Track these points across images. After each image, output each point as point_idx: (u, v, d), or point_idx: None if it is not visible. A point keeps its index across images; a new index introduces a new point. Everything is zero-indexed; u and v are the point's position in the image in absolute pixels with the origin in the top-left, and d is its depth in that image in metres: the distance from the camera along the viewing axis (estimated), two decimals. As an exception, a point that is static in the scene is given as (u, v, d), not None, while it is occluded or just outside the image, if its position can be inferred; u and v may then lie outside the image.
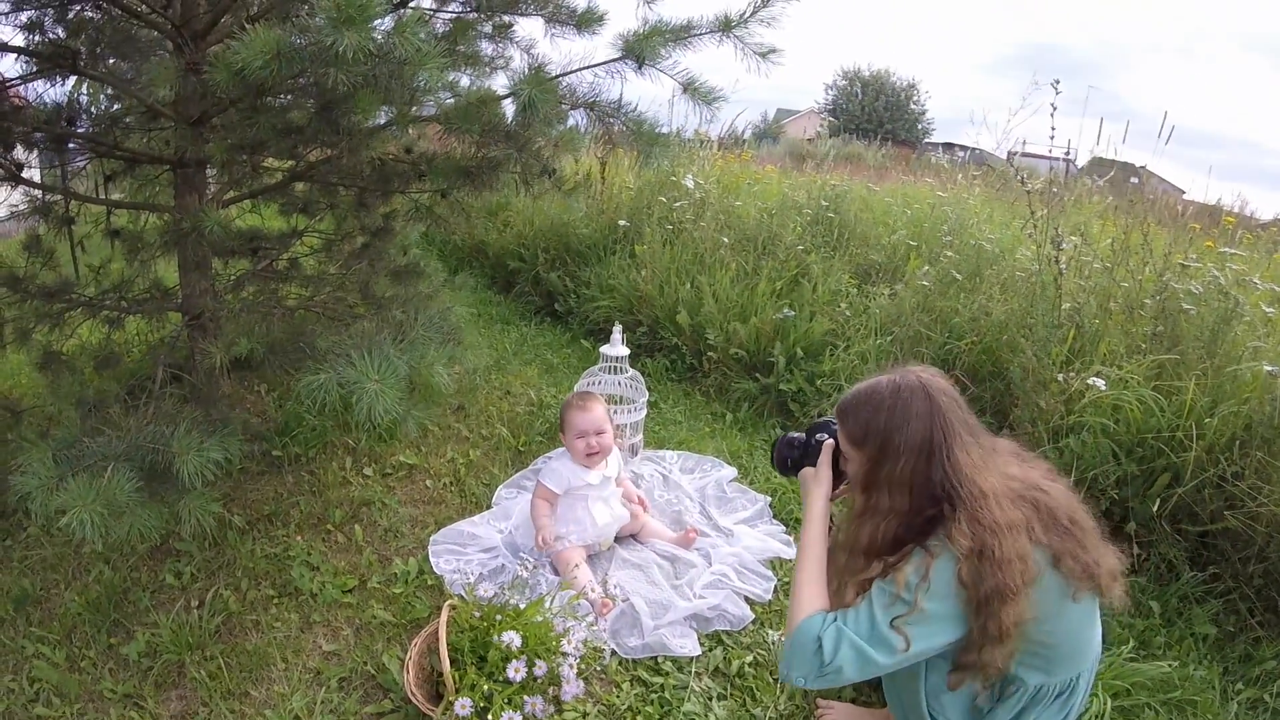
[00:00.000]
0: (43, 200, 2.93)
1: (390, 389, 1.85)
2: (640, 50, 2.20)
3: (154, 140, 2.97)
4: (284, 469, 2.88)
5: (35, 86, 2.63)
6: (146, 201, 3.12)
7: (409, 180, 2.98)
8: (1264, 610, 2.27)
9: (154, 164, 2.91)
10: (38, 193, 2.88)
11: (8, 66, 2.54)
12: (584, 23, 2.53)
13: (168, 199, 2.93)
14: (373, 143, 2.66)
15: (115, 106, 2.83)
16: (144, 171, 3.11)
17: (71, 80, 2.65)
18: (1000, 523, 1.33)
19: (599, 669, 2.01)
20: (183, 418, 1.98)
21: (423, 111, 2.34)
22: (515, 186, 2.76)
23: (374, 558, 2.44)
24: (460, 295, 4.62)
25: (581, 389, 3.14)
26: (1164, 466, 2.46)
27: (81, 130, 2.77)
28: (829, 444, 1.70)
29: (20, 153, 2.64)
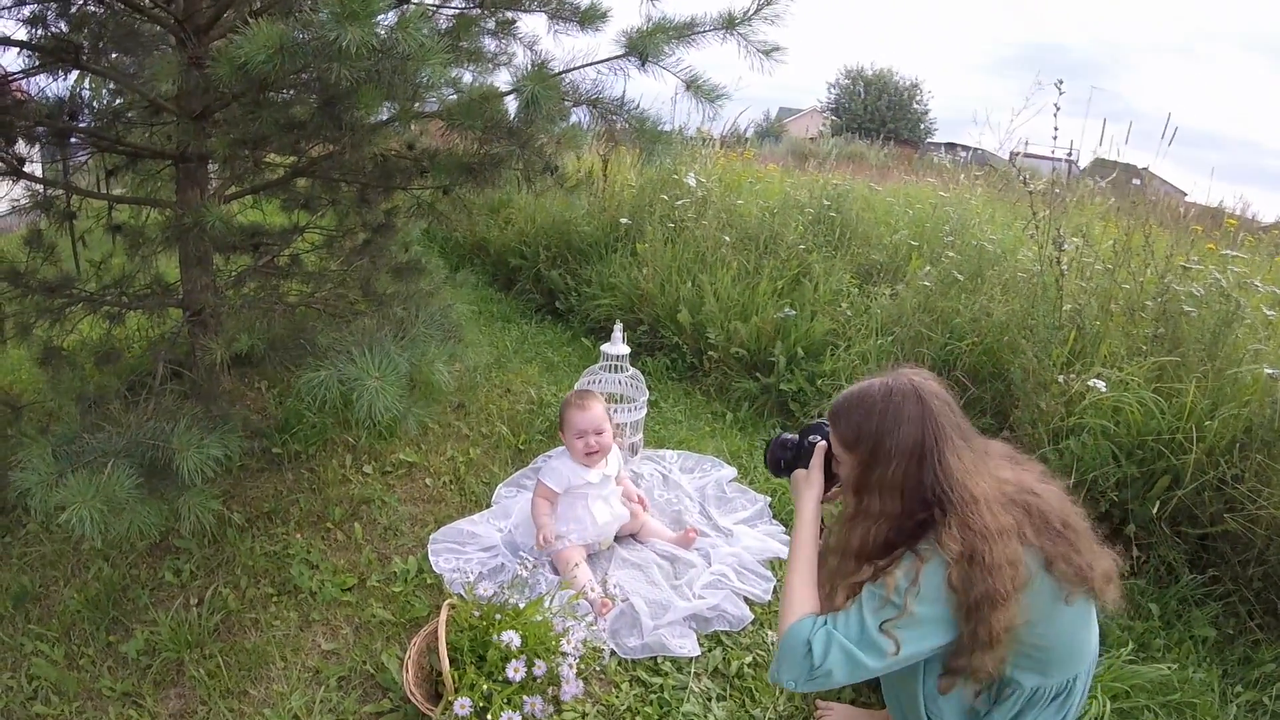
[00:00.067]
0: (44, 195, 2.93)
1: (391, 386, 1.85)
2: (643, 47, 2.20)
3: (156, 135, 2.96)
4: (284, 466, 2.88)
5: (37, 81, 2.62)
6: (148, 196, 3.11)
7: (411, 176, 2.98)
8: (1263, 613, 2.27)
9: (156, 159, 2.91)
10: (39, 187, 2.88)
11: (10, 61, 2.53)
12: (587, 19, 2.52)
13: (169, 194, 2.93)
14: (375, 139, 2.66)
15: (117, 101, 2.83)
16: (146, 166, 3.11)
17: (74, 75, 2.64)
18: (990, 528, 1.33)
19: (598, 669, 2.01)
20: (183, 414, 1.97)
21: (425, 107, 2.34)
22: (517, 183, 2.76)
23: (373, 556, 2.44)
24: (461, 293, 4.62)
25: (582, 387, 3.13)
26: (1164, 469, 2.46)
27: (83, 125, 2.77)
28: (821, 446, 1.69)
29: (22, 147, 2.64)
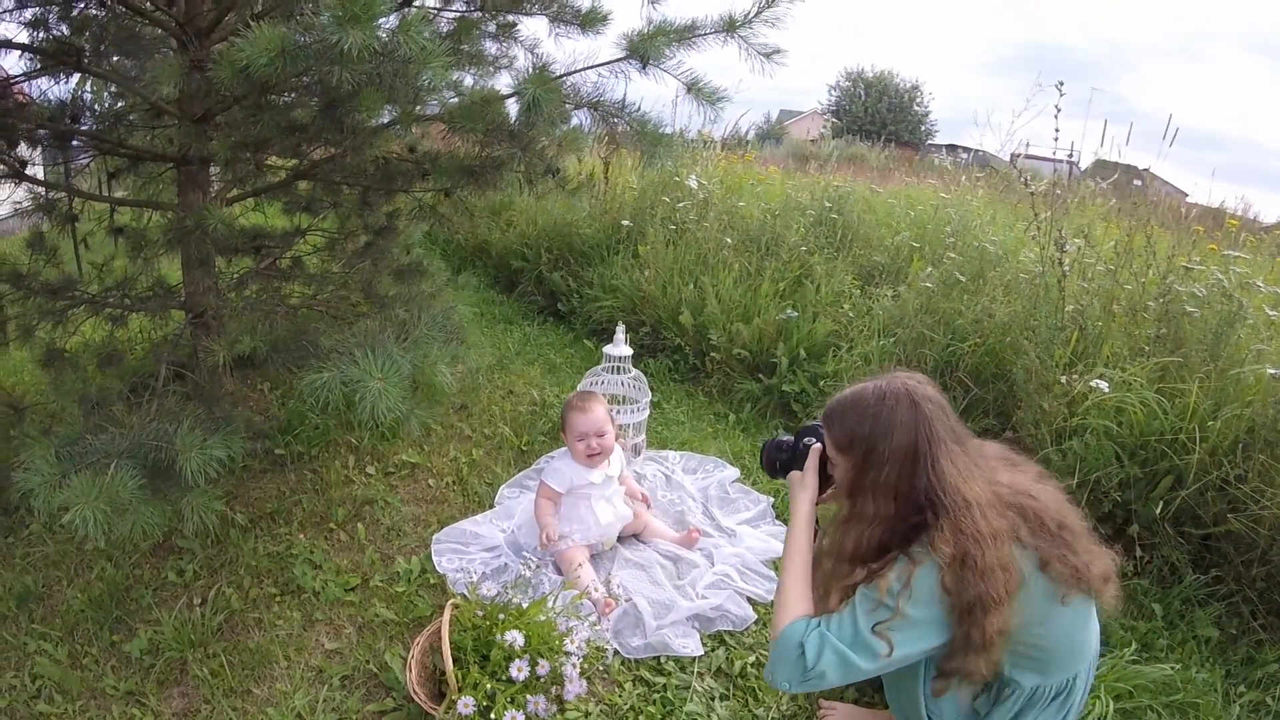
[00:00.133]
0: (46, 197, 2.94)
1: (393, 388, 1.85)
2: (644, 50, 2.20)
3: (158, 138, 2.97)
4: (287, 467, 2.88)
5: (39, 83, 2.64)
6: (150, 199, 3.12)
7: (412, 179, 2.98)
8: (1266, 613, 2.27)
9: (158, 161, 2.91)
10: (41, 190, 2.88)
11: (12, 63, 2.53)
12: (588, 22, 2.53)
13: (171, 197, 2.93)
14: (377, 141, 2.66)
15: (119, 104, 2.84)
16: (147, 169, 3.11)
17: (75, 77, 2.65)
18: (983, 532, 1.33)
19: (601, 668, 2.01)
20: (185, 415, 1.98)
21: (427, 110, 2.35)
22: (519, 186, 2.76)
23: (376, 556, 2.44)
24: (463, 294, 4.63)
25: (584, 389, 3.14)
26: (1167, 469, 2.46)
27: (85, 127, 2.77)
28: (816, 448, 1.69)
29: (24, 150, 2.65)
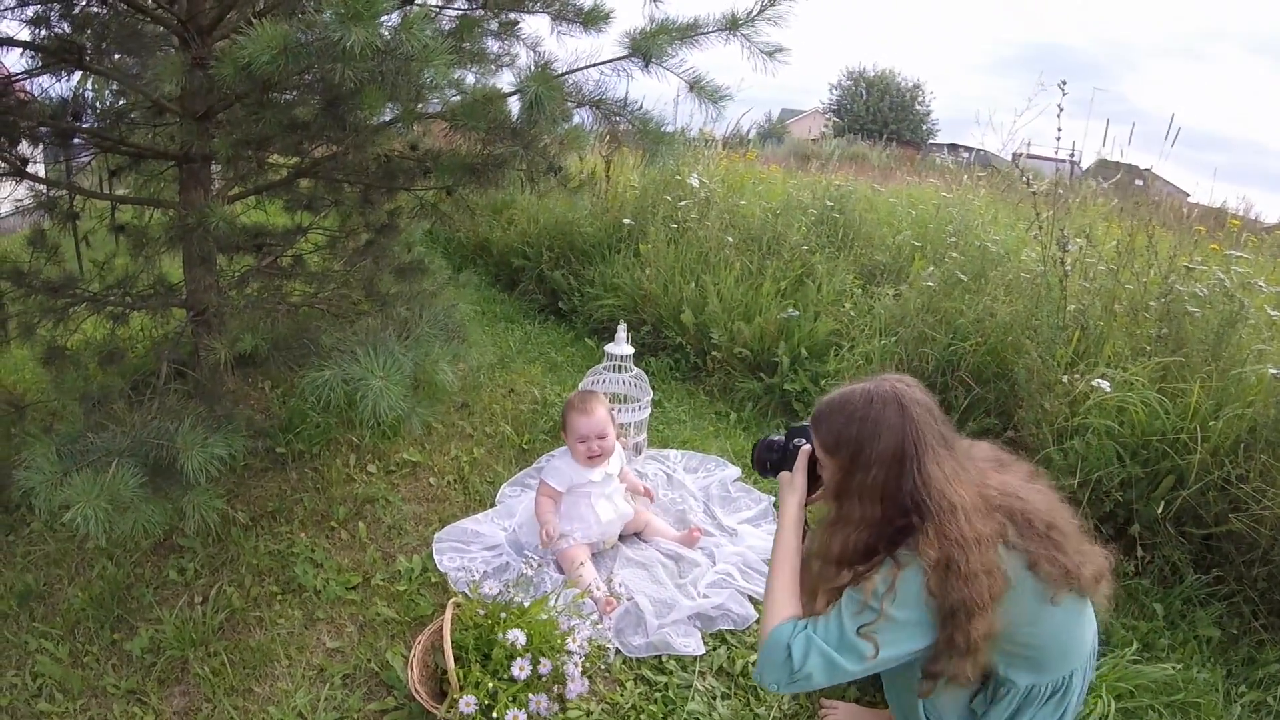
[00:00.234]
0: (47, 195, 2.93)
1: (395, 386, 1.85)
2: (647, 48, 2.20)
3: (159, 136, 2.97)
4: (288, 466, 2.88)
5: (41, 81, 2.63)
6: (151, 197, 3.12)
7: (414, 177, 2.98)
8: (1268, 613, 2.27)
9: (159, 159, 2.91)
10: (43, 188, 2.88)
11: (13, 61, 2.53)
12: (590, 20, 2.53)
13: (173, 194, 2.93)
14: (378, 139, 2.66)
15: (121, 102, 2.83)
16: (149, 167, 3.11)
17: (77, 75, 2.65)
18: (967, 537, 1.33)
19: (603, 667, 2.01)
20: (187, 414, 1.98)
21: (429, 108, 2.34)
22: (520, 184, 2.75)
23: (378, 555, 2.44)
24: (464, 293, 4.60)
25: (585, 388, 3.14)
26: (1168, 469, 2.46)
27: (87, 125, 2.77)
28: (805, 450, 1.69)
29: (25, 148, 2.65)
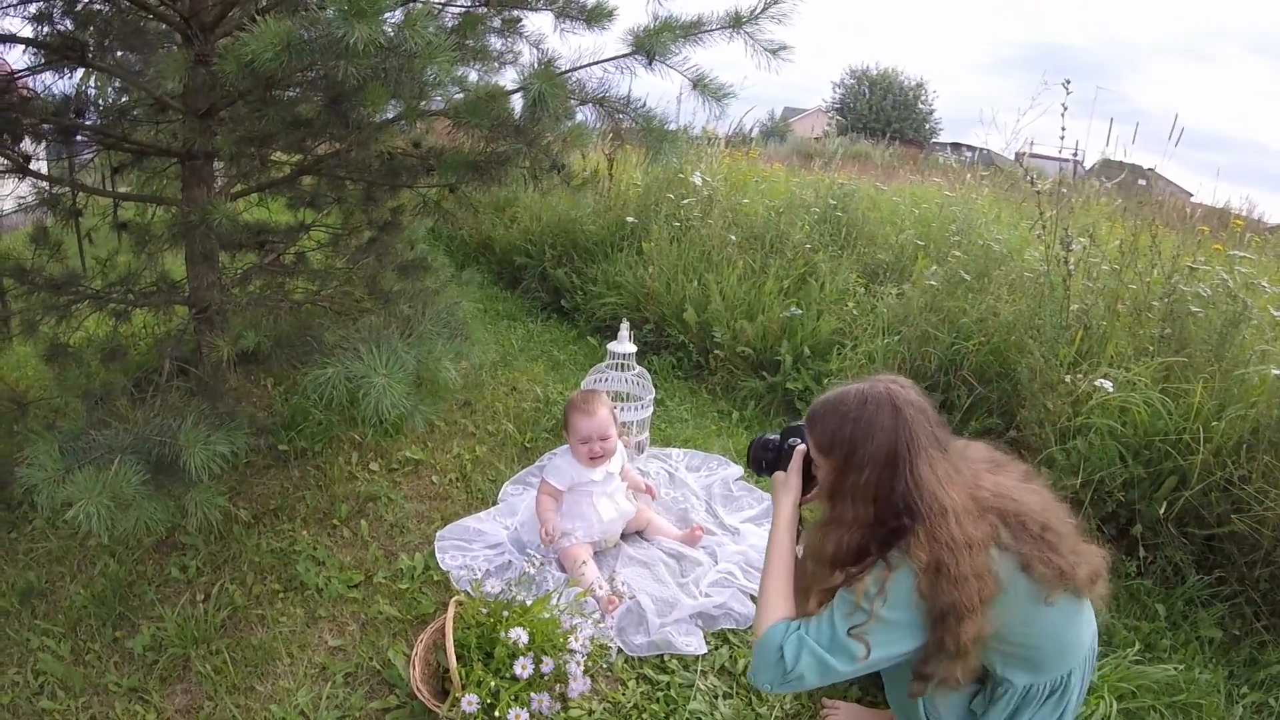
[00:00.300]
0: (50, 192, 2.93)
1: (398, 383, 1.85)
2: (650, 46, 2.19)
3: (162, 133, 2.96)
4: (290, 463, 2.88)
5: (43, 78, 2.62)
6: (154, 194, 3.11)
7: (417, 175, 2.97)
8: (1270, 614, 2.26)
9: (162, 156, 2.91)
10: (45, 185, 2.87)
11: (16, 58, 2.53)
12: (593, 18, 2.52)
13: (175, 192, 2.92)
14: (381, 136, 2.65)
15: (123, 99, 2.83)
16: (152, 164, 3.11)
17: (80, 72, 2.64)
18: (958, 540, 1.33)
19: (605, 666, 2.01)
20: (189, 411, 1.98)
21: (431, 105, 2.34)
22: (523, 182, 2.75)
23: (380, 553, 2.44)
24: (467, 291, 4.59)
25: (588, 386, 3.13)
26: (1171, 469, 2.46)
27: (89, 122, 2.77)
28: (800, 449, 1.68)
29: (28, 145, 2.64)
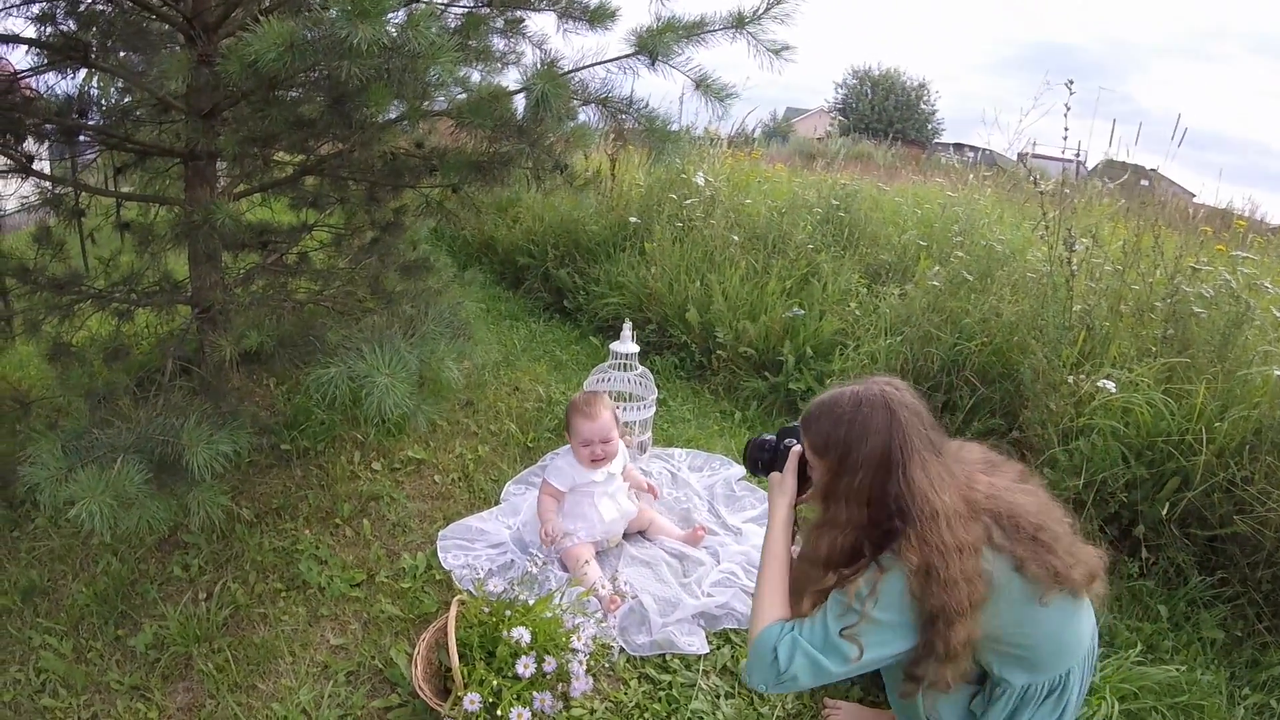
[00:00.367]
0: (53, 192, 2.93)
1: (400, 383, 1.85)
2: (653, 46, 2.20)
3: (165, 133, 2.96)
4: (292, 463, 2.89)
5: (46, 79, 2.62)
6: (157, 194, 3.11)
7: (420, 175, 2.97)
8: (1272, 615, 2.26)
9: (165, 157, 2.91)
10: (48, 185, 2.87)
11: (19, 58, 2.54)
12: (596, 18, 2.52)
13: (178, 192, 2.93)
14: (384, 137, 2.66)
15: (126, 99, 2.83)
16: (154, 164, 3.11)
17: (82, 73, 2.64)
18: (948, 544, 1.33)
19: (607, 665, 2.01)
20: (192, 410, 1.98)
21: (434, 106, 2.34)
22: (526, 182, 2.75)
23: (382, 552, 2.44)
24: (469, 291, 4.59)
25: (591, 386, 3.13)
26: (1173, 470, 2.45)
27: (92, 122, 2.77)
28: (796, 450, 1.69)
29: (31, 145, 2.64)
